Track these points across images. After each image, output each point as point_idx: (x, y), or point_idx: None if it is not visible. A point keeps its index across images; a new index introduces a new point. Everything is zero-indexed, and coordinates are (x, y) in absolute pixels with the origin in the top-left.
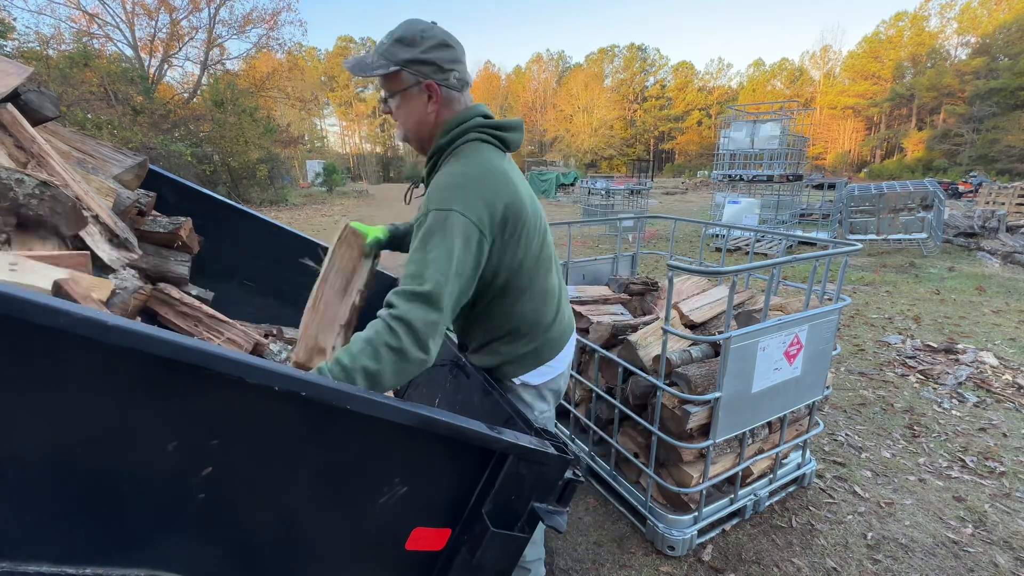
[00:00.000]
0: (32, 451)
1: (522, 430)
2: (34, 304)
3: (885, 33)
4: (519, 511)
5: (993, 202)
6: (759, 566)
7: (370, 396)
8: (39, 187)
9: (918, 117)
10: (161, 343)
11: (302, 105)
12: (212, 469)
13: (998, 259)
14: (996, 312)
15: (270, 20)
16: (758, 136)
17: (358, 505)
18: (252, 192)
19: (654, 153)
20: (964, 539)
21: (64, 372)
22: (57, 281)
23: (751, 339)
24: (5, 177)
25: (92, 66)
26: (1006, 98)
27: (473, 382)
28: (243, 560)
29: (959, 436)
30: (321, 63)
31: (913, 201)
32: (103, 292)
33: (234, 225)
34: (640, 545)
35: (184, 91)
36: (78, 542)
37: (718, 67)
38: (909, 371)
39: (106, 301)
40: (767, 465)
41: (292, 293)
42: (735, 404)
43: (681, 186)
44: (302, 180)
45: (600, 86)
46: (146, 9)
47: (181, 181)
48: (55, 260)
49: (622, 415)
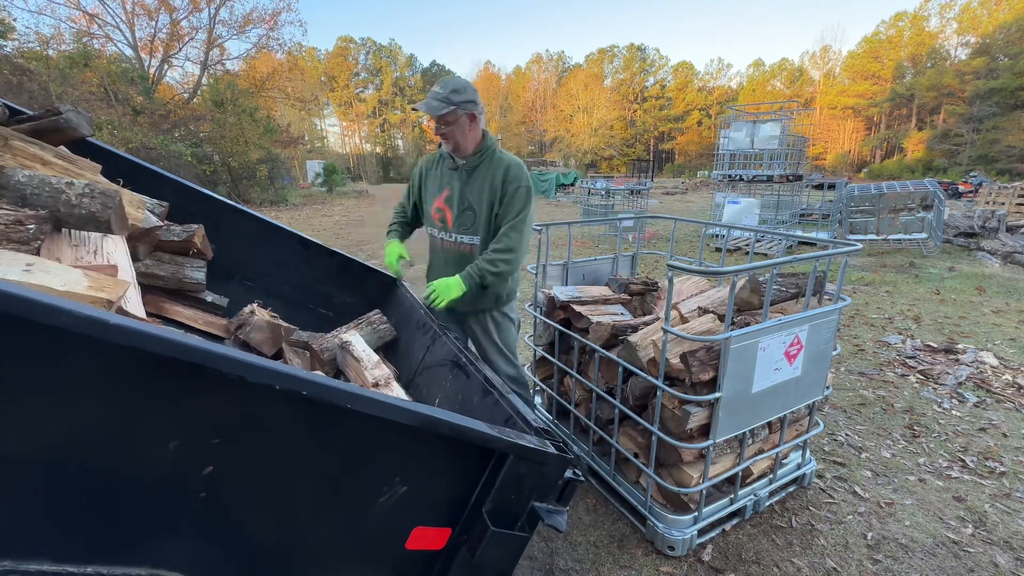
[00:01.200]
0: (34, 450)
1: (522, 430)
2: (36, 303)
3: (885, 33)
4: (519, 510)
5: (993, 202)
6: (759, 566)
7: (371, 395)
8: (88, 186)
9: (918, 117)
10: (162, 342)
11: (302, 105)
12: (213, 468)
13: (998, 259)
14: (996, 312)
15: (270, 20)
16: (758, 136)
17: (358, 504)
18: (252, 192)
19: (654, 153)
20: (964, 539)
21: (65, 371)
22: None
23: (751, 339)
24: (56, 182)
25: (92, 66)
26: (1006, 98)
27: (473, 382)
28: (244, 559)
29: (959, 436)
30: (321, 63)
31: (913, 201)
32: (117, 292)
33: (234, 226)
34: (640, 545)
35: (184, 91)
36: (80, 541)
37: (718, 67)
38: (909, 371)
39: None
40: (767, 465)
41: (292, 293)
42: (735, 404)
43: (681, 186)
44: (302, 180)
45: (600, 86)
46: (146, 9)
47: (182, 181)
48: (89, 267)
49: (622, 415)
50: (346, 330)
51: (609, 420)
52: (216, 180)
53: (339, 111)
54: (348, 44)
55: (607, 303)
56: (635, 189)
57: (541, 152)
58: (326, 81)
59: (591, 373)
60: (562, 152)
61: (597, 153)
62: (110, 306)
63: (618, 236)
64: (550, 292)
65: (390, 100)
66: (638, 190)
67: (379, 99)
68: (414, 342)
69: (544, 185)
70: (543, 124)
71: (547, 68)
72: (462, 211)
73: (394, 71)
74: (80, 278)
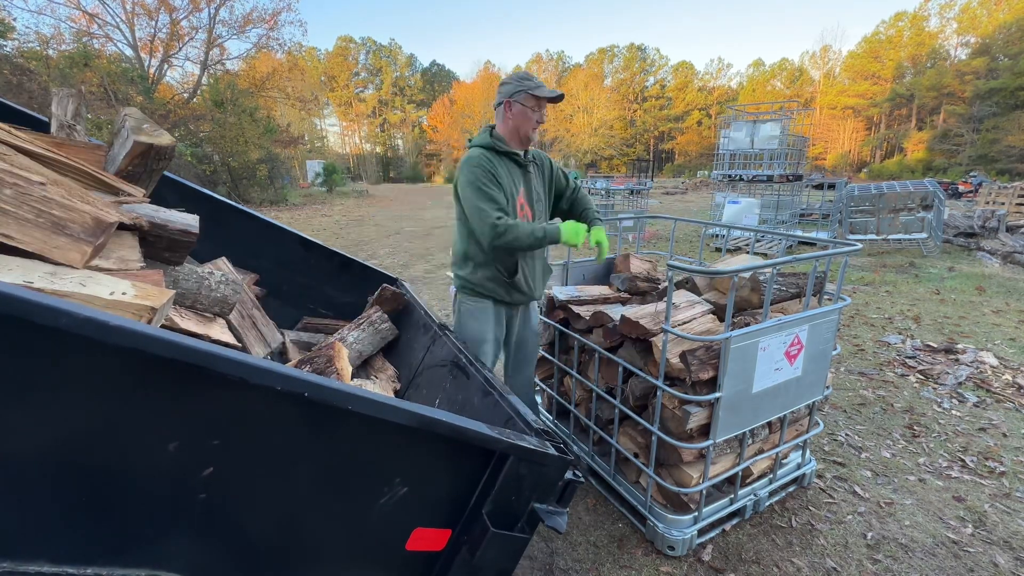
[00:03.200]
0: (34, 451)
1: (522, 431)
2: (36, 305)
3: (885, 33)
4: (519, 511)
5: (993, 202)
6: (759, 566)
7: (371, 396)
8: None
9: (918, 117)
10: (163, 344)
11: (302, 105)
12: (213, 469)
13: (998, 259)
14: (996, 312)
15: (270, 20)
16: (758, 136)
17: (358, 505)
18: (252, 192)
19: (654, 153)
20: (964, 539)
21: (66, 372)
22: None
23: (751, 339)
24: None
25: (92, 66)
26: (1006, 98)
27: (473, 382)
28: (243, 560)
29: (959, 436)
30: (321, 63)
31: (913, 201)
32: (160, 300)
33: (234, 225)
34: (640, 545)
35: (184, 91)
36: (79, 542)
37: (718, 67)
38: (909, 371)
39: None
40: (767, 465)
41: (292, 293)
42: (735, 404)
43: (681, 186)
44: (302, 180)
45: (600, 86)
46: (146, 9)
47: (182, 181)
48: (136, 276)
49: (622, 415)
50: (347, 330)
51: (609, 420)
52: (216, 180)
53: (339, 111)
54: (348, 44)
55: (607, 303)
56: (635, 189)
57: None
58: (326, 81)
59: (591, 373)
60: (562, 152)
61: (597, 153)
62: (153, 313)
63: (618, 236)
64: (550, 292)
65: (390, 100)
66: (638, 190)
67: (379, 99)
68: (414, 342)
69: None
70: (543, 124)
71: (547, 68)
72: (536, 202)
73: (394, 71)
74: (128, 288)
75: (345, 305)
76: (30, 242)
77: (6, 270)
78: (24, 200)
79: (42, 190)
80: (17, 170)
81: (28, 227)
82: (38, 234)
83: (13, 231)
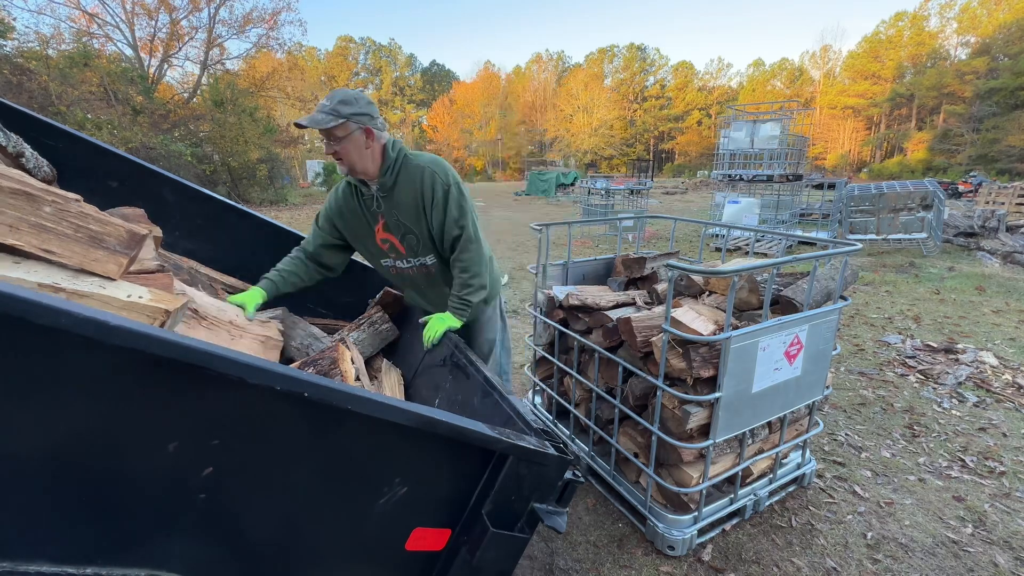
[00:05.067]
0: (33, 451)
1: (522, 431)
2: (36, 305)
3: (885, 33)
4: (519, 511)
5: (993, 202)
6: (759, 566)
7: (371, 397)
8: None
9: (918, 117)
10: (163, 344)
11: (302, 105)
12: (213, 469)
13: (998, 259)
14: (996, 312)
15: (270, 20)
16: (758, 136)
17: (358, 505)
18: (252, 192)
19: (654, 153)
20: (964, 539)
21: (66, 372)
22: None
23: (751, 339)
24: (319, 334)
25: (92, 66)
26: (1006, 98)
27: (473, 383)
28: (243, 560)
29: (959, 436)
30: (321, 63)
31: (913, 201)
32: (174, 304)
33: (234, 225)
34: (640, 545)
35: (184, 91)
36: (79, 542)
37: (718, 67)
38: (909, 371)
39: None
40: (767, 465)
41: (292, 293)
42: (735, 404)
43: (681, 186)
44: (302, 180)
45: (600, 86)
46: (146, 9)
47: (182, 181)
48: (145, 280)
49: (622, 415)
50: (347, 331)
51: (609, 420)
52: (216, 180)
53: None
54: (348, 44)
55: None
56: (635, 189)
57: (541, 152)
58: (326, 81)
59: (591, 373)
60: (562, 152)
61: (597, 153)
62: (167, 316)
63: (618, 236)
64: (550, 292)
65: (390, 100)
66: (638, 190)
67: (379, 99)
68: (414, 342)
69: (544, 185)
70: (543, 124)
71: (547, 68)
72: (404, 235)
73: (394, 71)
74: (144, 292)
75: (345, 305)
76: (71, 256)
77: (32, 271)
78: (63, 216)
79: (79, 206)
80: (53, 188)
81: (68, 242)
82: (78, 248)
83: (55, 246)
